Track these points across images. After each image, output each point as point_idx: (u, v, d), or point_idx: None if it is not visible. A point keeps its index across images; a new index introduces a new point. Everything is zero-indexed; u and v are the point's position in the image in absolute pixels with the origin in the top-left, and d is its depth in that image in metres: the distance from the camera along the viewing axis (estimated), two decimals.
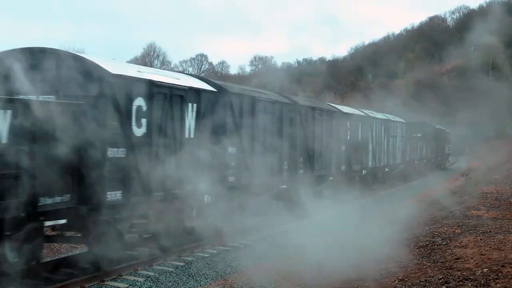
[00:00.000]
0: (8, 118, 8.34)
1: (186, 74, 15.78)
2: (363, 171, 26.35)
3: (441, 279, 8.40)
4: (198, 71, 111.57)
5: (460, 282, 8.12)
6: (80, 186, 9.79)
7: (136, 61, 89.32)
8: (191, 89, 12.77)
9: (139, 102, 10.95)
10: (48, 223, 9.74)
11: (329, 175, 21.72)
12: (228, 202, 14.25)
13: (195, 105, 12.81)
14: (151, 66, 76.62)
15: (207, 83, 14.35)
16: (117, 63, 11.94)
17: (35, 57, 10.60)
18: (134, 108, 10.83)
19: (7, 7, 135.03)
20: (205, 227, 13.45)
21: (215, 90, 14.04)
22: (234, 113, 14.88)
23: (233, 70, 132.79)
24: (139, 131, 11.02)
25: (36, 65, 10.43)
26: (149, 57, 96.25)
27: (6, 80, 9.80)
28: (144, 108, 11.10)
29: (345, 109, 25.03)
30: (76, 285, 10.23)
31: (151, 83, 11.33)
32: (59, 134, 9.18)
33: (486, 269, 8.66)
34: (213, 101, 13.67)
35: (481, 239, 11.10)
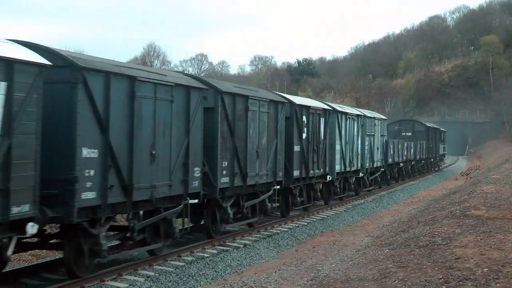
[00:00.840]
0: None
1: None
2: (328, 176, 22.12)
3: (441, 279, 8.40)
4: (198, 71, 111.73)
5: (460, 282, 8.12)
6: None
7: (136, 61, 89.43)
8: None
9: None
10: None
11: (272, 184, 17.40)
12: None
13: None
14: (151, 66, 76.66)
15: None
16: None
17: None
18: None
19: (6, 6, 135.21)
20: None
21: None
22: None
23: (233, 70, 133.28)
24: None
25: None
26: (149, 57, 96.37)
27: None
28: None
29: (299, 99, 20.32)
30: (76, 285, 10.24)
31: None
32: None
33: (486, 269, 8.67)
34: None
35: (481, 239, 11.11)
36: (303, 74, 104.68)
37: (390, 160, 33.31)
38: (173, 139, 12.34)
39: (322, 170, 21.36)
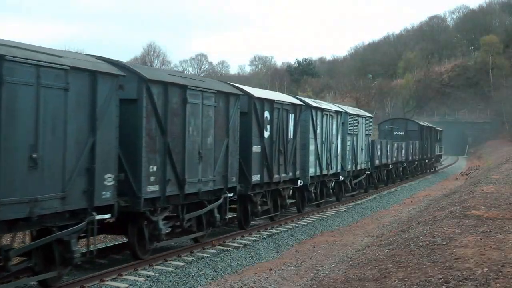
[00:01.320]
0: None
1: None
2: (299, 181, 19.23)
3: (441, 279, 8.40)
4: (198, 70, 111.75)
5: (460, 282, 8.12)
6: None
7: (136, 60, 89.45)
8: None
9: None
10: None
11: (223, 191, 14.63)
12: None
13: None
14: (151, 65, 76.66)
15: None
16: None
17: None
18: None
19: (6, 6, 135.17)
20: None
21: None
22: None
23: (233, 70, 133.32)
24: None
25: None
26: (149, 57, 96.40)
27: None
28: None
29: (260, 92, 17.42)
30: (76, 285, 10.24)
31: None
32: None
33: (486, 269, 8.67)
34: None
35: (481, 239, 11.11)
36: (303, 74, 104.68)
37: (377, 161, 30.23)
38: (69, 139, 9.58)
39: (291, 173, 18.39)
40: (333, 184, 23.52)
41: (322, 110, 21.61)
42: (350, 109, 26.54)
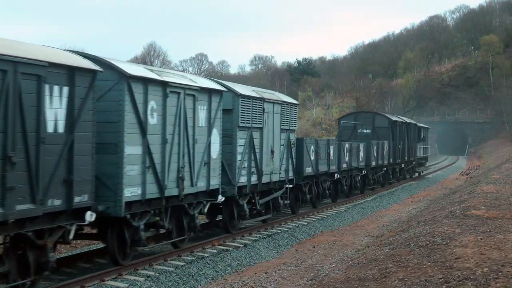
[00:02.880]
0: None
1: None
2: (88, 216, 10.35)
3: (441, 278, 8.40)
4: (198, 70, 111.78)
5: (460, 282, 8.12)
6: None
7: (136, 60, 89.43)
8: None
9: None
10: None
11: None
12: None
13: None
14: (151, 65, 76.65)
15: None
16: None
17: None
18: None
19: (6, 5, 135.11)
20: None
21: None
22: None
23: (233, 70, 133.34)
24: None
25: None
26: (149, 57, 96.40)
27: None
28: None
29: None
30: (76, 284, 10.24)
31: None
32: None
33: (486, 269, 8.67)
34: None
35: (481, 239, 11.10)
36: (303, 74, 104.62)
37: (309, 169, 20.70)
38: None
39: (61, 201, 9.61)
40: (196, 211, 13.89)
41: (163, 84, 12.07)
42: (249, 90, 16.78)
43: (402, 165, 36.49)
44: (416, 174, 42.24)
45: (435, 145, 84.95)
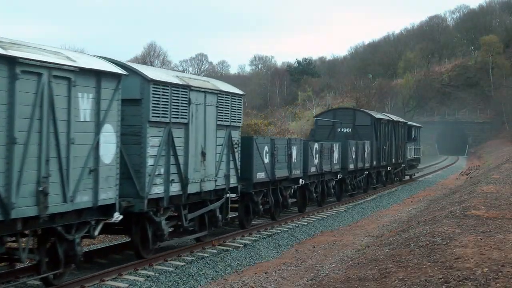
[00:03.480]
0: None
1: None
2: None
3: (441, 278, 8.40)
4: (198, 70, 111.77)
5: (460, 282, 8.12)
6: None
7: (136, 60, 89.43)
8: None
9: None
10: None
11: None
12: None
13: None
14: (151, 65, 76.65)
15: None
16: None
17: None
18: None
19: (6, 5, 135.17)
20: None
21: None
22: None
23: (233, 70, 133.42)
24: None
25: None
26: (149, 57, 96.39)
27: None
28: None
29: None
30: (77, 284, 10.25)
31: None
32: None
33: (486, 269, 8.67)
34: None
35: (481, 239, 11.10)
36: (303, 74, 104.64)
37: (261, 175, 16.81)
38: None
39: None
40: (95, 233, 10.81)
41: (9, 61, 8.47)
42: (169, 75, 13.17)
43: (389, 168, 32.74)
44: (407, 177, 39.06)
45: (435, 145, 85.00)
